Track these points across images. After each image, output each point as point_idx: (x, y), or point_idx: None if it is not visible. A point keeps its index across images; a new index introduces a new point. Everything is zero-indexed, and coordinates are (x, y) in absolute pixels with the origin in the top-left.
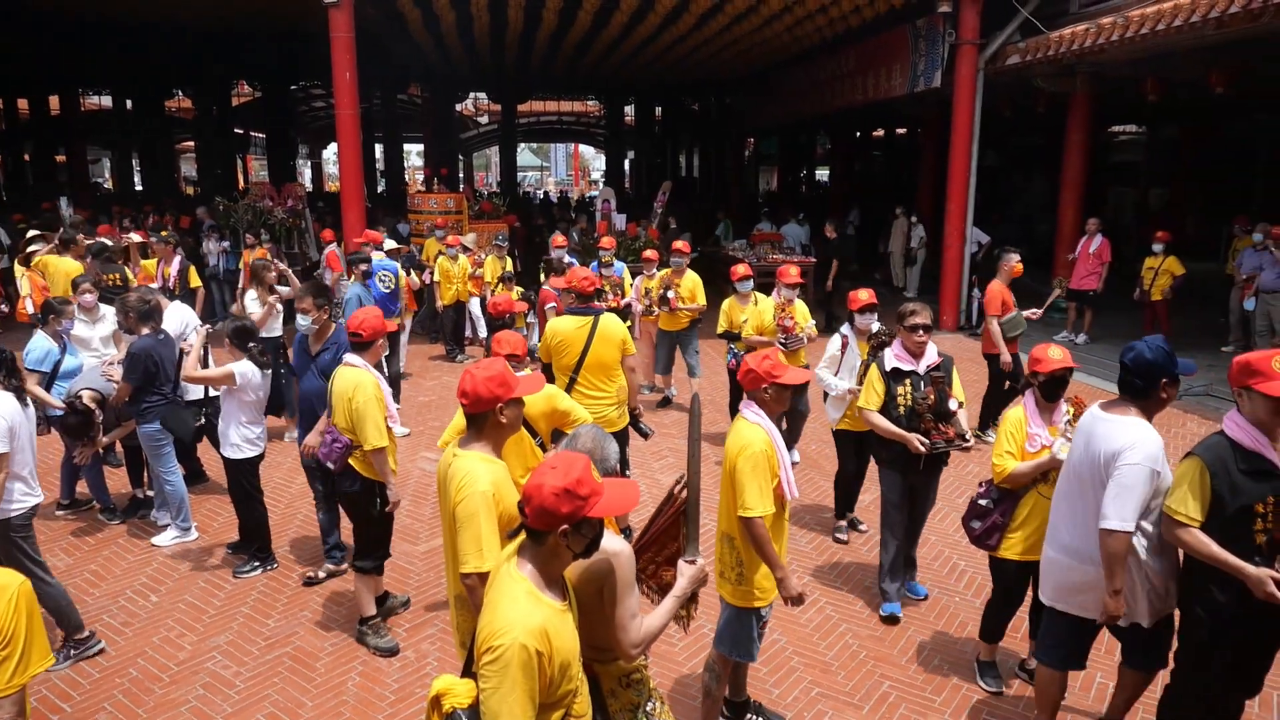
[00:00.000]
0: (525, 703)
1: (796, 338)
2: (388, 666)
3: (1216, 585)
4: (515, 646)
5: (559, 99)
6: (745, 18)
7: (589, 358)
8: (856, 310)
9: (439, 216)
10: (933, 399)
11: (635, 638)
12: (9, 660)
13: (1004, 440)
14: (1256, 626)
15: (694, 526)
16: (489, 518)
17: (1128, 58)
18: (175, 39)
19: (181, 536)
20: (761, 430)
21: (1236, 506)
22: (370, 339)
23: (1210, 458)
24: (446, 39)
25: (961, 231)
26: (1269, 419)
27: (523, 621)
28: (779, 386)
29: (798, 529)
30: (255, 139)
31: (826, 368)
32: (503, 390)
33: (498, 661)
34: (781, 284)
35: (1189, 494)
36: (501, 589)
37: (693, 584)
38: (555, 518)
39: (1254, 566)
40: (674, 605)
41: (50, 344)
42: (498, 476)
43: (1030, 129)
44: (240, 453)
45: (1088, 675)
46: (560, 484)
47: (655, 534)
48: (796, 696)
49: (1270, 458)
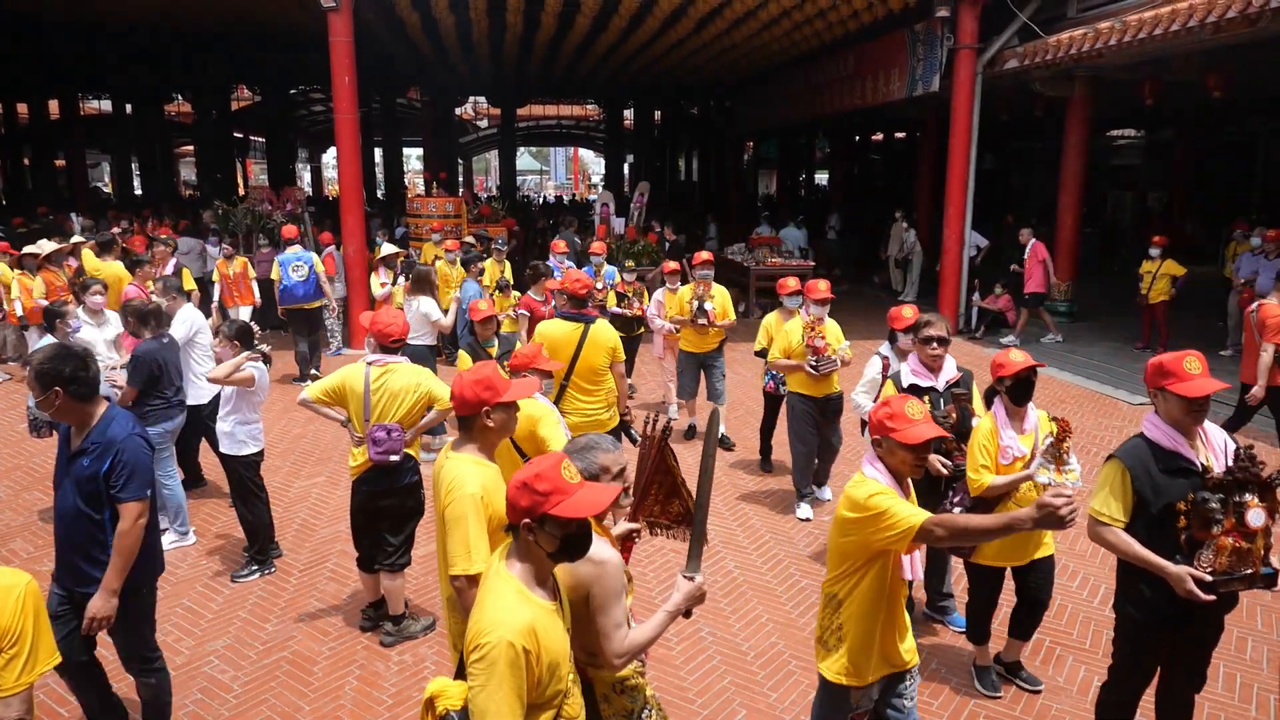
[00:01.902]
0: (513, 700)
1: (829, 360)
2: (385, 670)
3: (1145, 583)
4: (503, 644)
5: (558, 103)
6: (744, 22)
7: (579, 364)
8: (901, 330)
9: (437, 220)
10: (955, 417)
11: (619, 648)
12: (17, 659)
13: (977, 454)
14: (1189, 621)
15: (698, 543)
16: (477, 520)
17: (1125, 62)
18: (175, 43)
19: (179, 541)
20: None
21: (1160, 506)
22: (403, 336)
23: (1130, 460)
24: (446, 43)
25: (960, 235)
26: (1184, 418)
27: (510, 620)
28: (896, 444)
29: (797, 532)
30: (255, 143)
31: (865, 392)
32: (488, 394)
33: (485, 659)
34: (810, 300)
35: (1111, 495)
36: (490, 588)
37: (688, 600)
38: (515, 511)
39: (1174, 565)
40: (665, 620)
41: None
42: (487, 479)
43: (1029, 132)
44: (244, 448)
45: (1085, 677)
46: (521, 477)
47: (647, 480)
48: (794, 700)
49: (1188, 456)
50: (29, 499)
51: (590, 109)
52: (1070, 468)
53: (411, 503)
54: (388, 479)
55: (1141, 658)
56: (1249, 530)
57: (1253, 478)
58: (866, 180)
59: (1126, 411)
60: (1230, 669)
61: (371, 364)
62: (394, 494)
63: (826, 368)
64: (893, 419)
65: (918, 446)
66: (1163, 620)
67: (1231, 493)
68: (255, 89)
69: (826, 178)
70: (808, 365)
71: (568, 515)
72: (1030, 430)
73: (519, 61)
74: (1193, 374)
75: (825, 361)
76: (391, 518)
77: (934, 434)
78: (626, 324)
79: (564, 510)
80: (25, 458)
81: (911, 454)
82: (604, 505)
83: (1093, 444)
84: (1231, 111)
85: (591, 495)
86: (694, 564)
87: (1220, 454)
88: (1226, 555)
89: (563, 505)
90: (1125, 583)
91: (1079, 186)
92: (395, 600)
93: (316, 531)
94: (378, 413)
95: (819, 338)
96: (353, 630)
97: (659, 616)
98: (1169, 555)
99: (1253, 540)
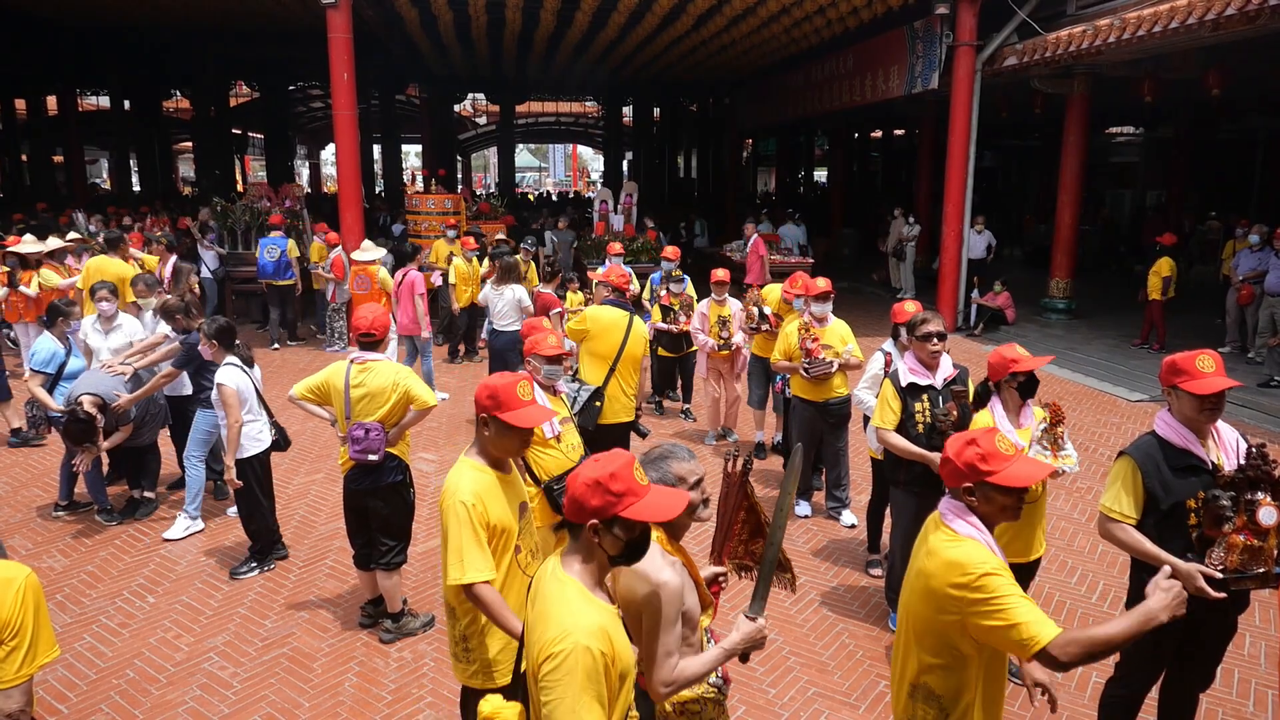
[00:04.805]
0: (596, 708)
1: (820, 362)
2: (384, 667)
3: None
4: (578, 649)
5: (557, 100)
6: (743, 19)
7: (626, 350)
8: (903, 324)
9: (436, 217)
10: (955, 415)
11: (667, 676)
12: (17, 651)
13: None
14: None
15: (765, 584)
16: (468, 529)
17: (1125, 59)
18: (173, 39)
19: (192, 526)
20: (985, 549)
21: (1170, 504)
22: (383, 335)
23: (1141, 456)
24: (445, 39)
25: (959, 232)
26: (1196, 416)
27: (582, 623)
28: (994, 489)
29: (795, 529)
30: (253, 139)
31: (868, 388)
32: (489, 402)
33: (560, 668)
34: (810, 298)
35: (1122, 492)
36: (550, 595)
37: (745, 641)
38: (584, 510)
39: (1185, 562)
40: (720, 656)
41: (56, 346)
42: (483, 486)
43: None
44: (242, 451)
45: (1083, 675)
46: (593, 475)
47: (729, 520)
48: (793, 696)
49: (1199, 454)
50: (28, 495)
51: (589, 106)
52: (1066, 452)
53: (398, 502)
54: (370, 478)
55: (1150, 655)
56: (1260, 528)
57: (1264, 476)
58: (865, 178)
59: (1125, 408)
60: (1229, 664)
61: (353, 361)
62: (378, 494)
63: (817, 370)
64: (987, 460)
65: (1020, 490)
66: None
67: (1243, 490)
68: (254, 85)
69: (825, 175)
70: (800, 368)
71: (641, 519)
72: (1027, 425)
73: (518, 58)
74: (1205, 372)
75: (816, 364)
76: (378, 517)
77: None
78: (674, 342)
79: (636, 513)
80: (23, 454)
81: (1014, 498)
82: (677, 510)
83: (1091, 440)
84: (1231, 109)
85: (664, 499)
86: (758, 604)
87: (1232, 452)
88: (1238, 553)
89: (635, 508)
90: (1137, 580)
91: (1078, 184)
92: (392, 598)
93: (315, 528)
94: (358, 411)
95: (811, 339)
96: (352, 627)
97: (714, 652)
98: (1180, 553)
99: (1264, 539)
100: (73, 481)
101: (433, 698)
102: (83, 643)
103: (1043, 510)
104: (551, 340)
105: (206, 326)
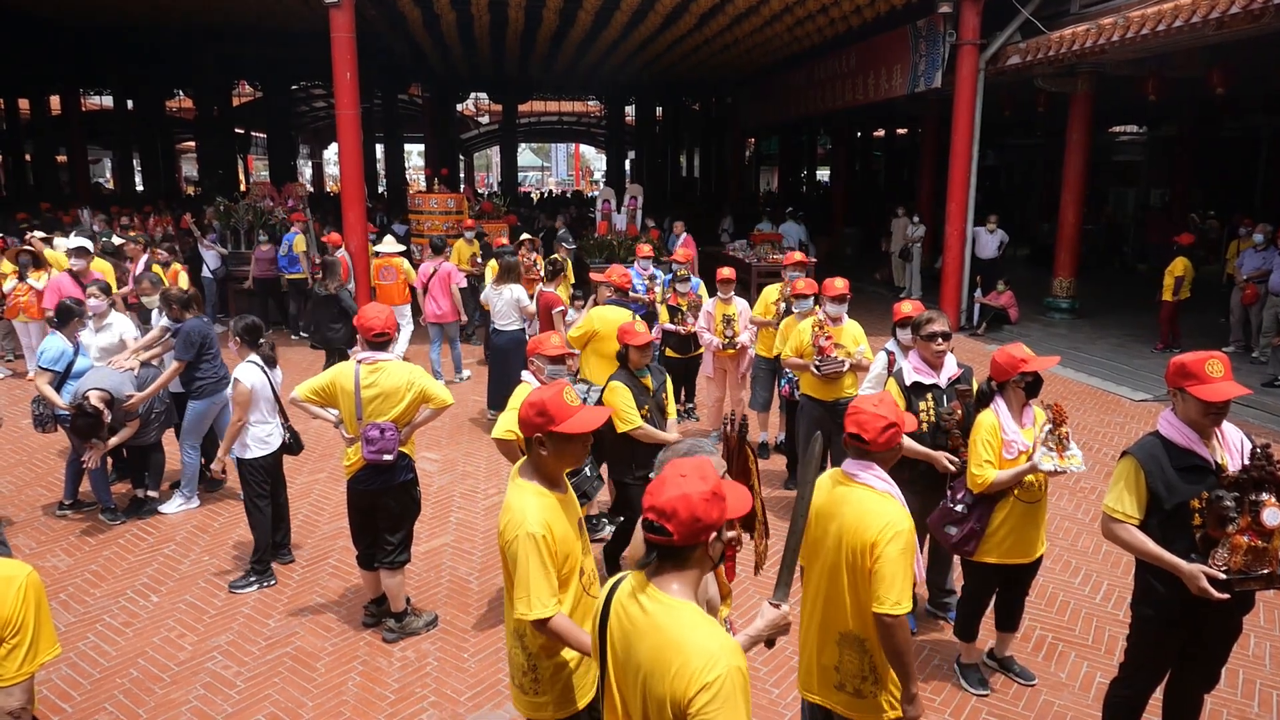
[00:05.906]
0: None
1: (832, 361)
2: (388, 666)
3: (1160, 581)
4: (731, 672)
5: (560, 99)
6: (746, 18)
7: None
8: (898, 323)
9: (439, 216)
10: (960, 414)
11: None
12: (18, 649)
13: (981, 449)
14: (1204, 621)
15: (788, 571)
16: (536, 560)
17: (1128, 58)
18: (175, 39)
19: (185, 504)
20: (898, 504)
21: (1173, 504)
22: (394, 335)
23: (1144, 456)
24: (447, 39)
25: (962, 231)
26: (1201, 420)
27: (722, 644)
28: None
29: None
30: (256, 139)
31: (871, 388)
32: (540, 419)
33: (719, 695)
34: (827, 298)
35: (1125, 492)
36: (665, 624)
37: (770, 628)
38: (707, 526)
39: (1188, 562)
40: (746, 643)
41: (65, 344)
42: (549, 513)
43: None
44: (246, 451)
45: (1087, 675)
46: (708, 489)
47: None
48: (796, 696)
49: (1203, 454)
50: (32, 495)
51: (592, 105)
52: (1071, 453)
53: (407, 501)
54: (381, 478)
55: (1155, 655)
56: (1265, 529)
57: (1269, 476)
58: (868, 177)
59: (1129, 408)
60: (1233, 665)
61: (361, 362)
62: (389, 493)
63: (829, 368)
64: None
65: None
66: (1177, 618)
67: (1247, 491)
68: (257, 85)
69: (828, 174)
70: (812, 366)
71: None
72: (1030, 424)
73: (520, 57)
74: (1214, 377)
75: (828, 362)
76: (388, 516)
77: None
78: (683, 343)
79: (732, 512)
80: (27, 454)
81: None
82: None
83: (1095, 440)
84: (1235, 108)
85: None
86: (782, 591)
87: (1236, 453)
88: (1242, 554)
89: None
90: (1141, 580)
91: (1081, 183)
92: (396, 597)
93: (318, 528)
94: (370, 411)
95: (824, 337)
96: (355, 626)
97: (740, 639)
98: (1184, 554)
99: (1269, 539)
100: (78, 480)
101: (436, 697)
102: (86, 642)
103: (1044, 510)
104: (554, 340)
105: (234, 324)
